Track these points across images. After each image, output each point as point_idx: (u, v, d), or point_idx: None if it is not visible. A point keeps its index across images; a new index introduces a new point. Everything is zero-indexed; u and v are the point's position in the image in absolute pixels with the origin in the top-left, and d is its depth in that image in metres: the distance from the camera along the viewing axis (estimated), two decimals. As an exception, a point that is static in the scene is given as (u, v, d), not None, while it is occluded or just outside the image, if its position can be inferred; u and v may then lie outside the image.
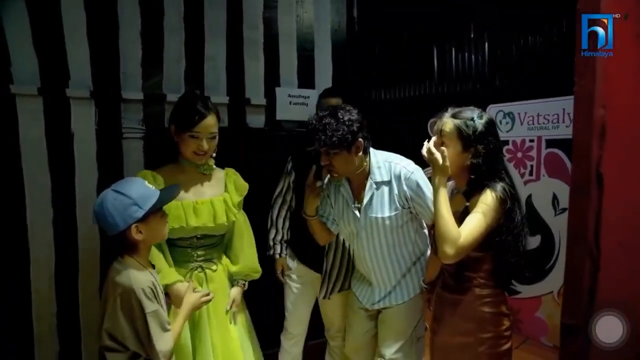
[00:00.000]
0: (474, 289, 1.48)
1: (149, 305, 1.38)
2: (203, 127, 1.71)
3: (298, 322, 2.30)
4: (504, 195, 1.41)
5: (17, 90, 2.12)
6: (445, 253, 1.35)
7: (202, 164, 1.81)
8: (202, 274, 1.79)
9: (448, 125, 1.49)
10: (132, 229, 1.39)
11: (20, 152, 2.15)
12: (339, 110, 1.68)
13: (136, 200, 1.38)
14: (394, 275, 1.85)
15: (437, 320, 1.63)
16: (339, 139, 1.63)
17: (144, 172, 1.75)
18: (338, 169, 1.72)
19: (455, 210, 1.53)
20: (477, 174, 1.44)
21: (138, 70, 2.36)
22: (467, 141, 1.45)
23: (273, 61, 2.71)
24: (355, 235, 1.85)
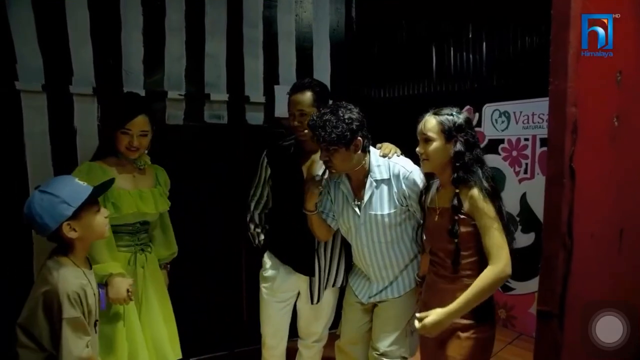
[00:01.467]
0: (462, 279, 1.55)
1: (68, 310, 1.34)
2: (134, 124, 1.80)
3: (276, 333, 2.16)
4: (491, 193, 1.50)
5: (22, 87, 2.18)
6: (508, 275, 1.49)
7: (138, 159, 1.91)
8: (142, 256, 1.90)
9: (430, 122, 1.58)
10: (64, 228, 1.36)
11: (24, 147, 2.22)
12: (340, 108, 1.73)
13: (65, 198, 1.35)
14: (392, 270, 1.89)
15: (425, 307, 1.68)
16: (337, 136, 1.68)
17: (88, 163, 1.83)
18: (336, 165, 1.77)
19: (444, 207, 1.58)
20: (461, 161, 1.53)
21: (140, 68, 2.42)
22: (449, 133, 1.55)
23: (272, 59, 2.76)
24: (354, 231, 1.87)
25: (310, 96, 1.95)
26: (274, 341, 2.17)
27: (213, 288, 2.50)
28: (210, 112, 2.61)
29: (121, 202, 1.79)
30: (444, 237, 1.55)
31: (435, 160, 1.57)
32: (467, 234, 1.52)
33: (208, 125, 2.61)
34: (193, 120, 2.56)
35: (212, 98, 2.59)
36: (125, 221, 1.85)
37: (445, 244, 1.57)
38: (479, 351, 1.55)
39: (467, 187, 1.52)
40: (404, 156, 1.89)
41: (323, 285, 2.09)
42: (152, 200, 1.89)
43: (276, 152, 2.11)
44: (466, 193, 1.52)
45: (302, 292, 2.12)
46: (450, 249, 1.55)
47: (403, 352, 1.92)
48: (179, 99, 2.47)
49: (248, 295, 2.72)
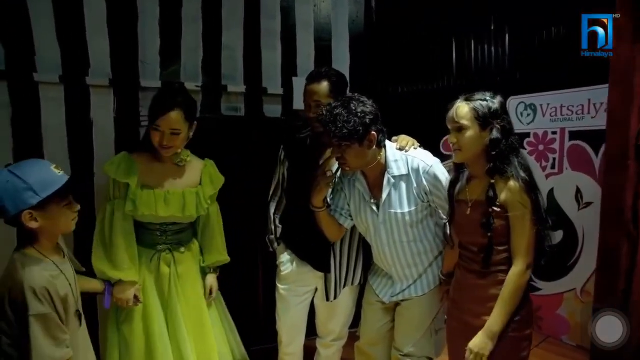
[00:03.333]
0: (497, 274, 1.47)
1: (35, 306, 1.22)
2: (164, 121, 1.69)
3: (293, 330, 2.10)
4: (529, 184, 1.42)
5: (40, 79, 2.16)
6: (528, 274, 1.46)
7: (175, 156, 1.81)
8: (169, 255, 1.82)
9: (463, 108, 1.48)
10: (25, 216, 1.24)
11: (42, 139, 2.20)
12: (352, 101, 1.63)
13: (32, 185, 1.23)
14: (415, 269, 1.80)
15: (456, 305, 1.61)
16: (349, 131, 1.58)
17: (122, 155, 1.78)
18: (350, 162, 1.66)
19: (477, 199, 1.49)
20: (498, 149, 1.44)
21: (156, 59, 2.39)
22: (484, 120, 1.46)
23: (290, 51, 2.71)
24: (373, 231, 1.79)
25: (326, 86, 1.86)
26: (289, 338, 2.11)
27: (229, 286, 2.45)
28: (227, 104, 2.57)
29: (140, 202, 1.72)
30: (477, 230, 1.48)
31: (469, 150, 1.49)
32: (501, 228, 1.45)
33: (225, 118, 2.56)
34: (210, 112, 2.51)
35: (229, 90, 2.55)
36: (148, 220, 1.78)
37: (477, 238, 1.49)
38: (513, 351, 1.46)
39: (503, 178, 1.44)
40: (422, 149, 1.79)
41: (340, 283, 2.02)
42: (181, 202, 1.78)
43: (293, 145, 2.05)
44: (502, 184, 1.44)
45: (319, 289, 2.06)
46: (483, 243, 1.47)
47: (428, 352, 1.83)
48: (195, 91, 2.43)
49: (264, 293, 2.67)
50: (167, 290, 1.80)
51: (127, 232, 1.76)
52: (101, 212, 1.78)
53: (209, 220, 1.93)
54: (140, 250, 1.80)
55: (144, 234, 1.82)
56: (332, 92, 1.85)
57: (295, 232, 2.05)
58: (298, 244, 2.05)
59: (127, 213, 1.73)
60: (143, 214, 1.74)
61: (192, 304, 1.85)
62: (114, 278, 1.71)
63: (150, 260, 1.81)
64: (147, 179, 1.77)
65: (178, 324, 1.79)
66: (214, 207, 1.96)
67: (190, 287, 1.86)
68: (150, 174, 1.78)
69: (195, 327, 1.84)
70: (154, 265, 1.81)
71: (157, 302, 1.79)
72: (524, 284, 1.44)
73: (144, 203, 1.72)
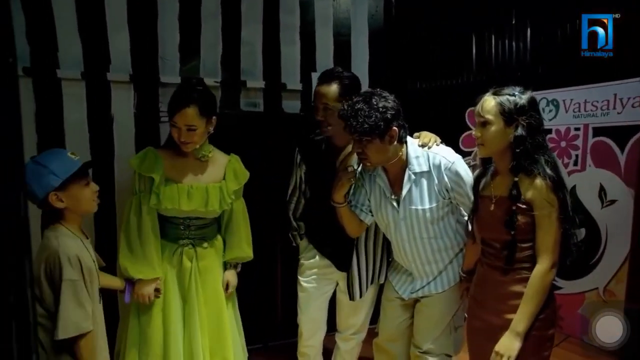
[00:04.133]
0: (521, 271, 1.45)
1: (69, 272, 1.36)
2: (179, 117, 1.69)
3: (313, 324, 2.10)
4: (556, 183, 1.39)
5: (63, 75, 2.19)
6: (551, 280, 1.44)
7: (197, 151, 1.81)
8: (192, 250, 1.83)
9: (489, 103, 1.45)
10: (51, 197, 1.39)
11: (64, 134, 2.22)
12: (374, 96, 1.60)
13: (53, 169, 1.39)
14: (435, 266, 1.78)
15: (477, 303, 1.58)
16: (370, 126, 1.57)
17: (147, 149, 1.80)
18: (371, 157, 1.64)
19: (501, 196, 1.47)
20: (522, 147, 1.41)
21: (176, 55, 2.39)
22: (509, 115, 1.42)
23: (309, 46, 2.69)
24: (394, 227, 1.78)
25: (335, 89, 1.82)
26: (310, 331, 2.11)
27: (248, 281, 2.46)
28: (246, 99, 2.57)
29: (163, 196, 1.73)
30: (500, 227, 1.45)
31: (492, 146, 1.46)
32: (525, 225, 1.42)
33: (244, 114, 2.56)
34: (229, 108, 2.51)
35: (248, 85, 2.54)
36: (171, 214, 1.80)
37: (500, 235, 1.47)
38: (536, 351, 1.44)
39: (528, 175, 1.41)
40: (444, 145, 1.77)
41: (364, 282, 2.01)
42: (204, 197, 1.78)
43: (308, 148, 2.04)
44: (527, 182, 1.41)
45: (341, 284, 2.06)
46: (506, 240, 1.45)
47: (447, 349, 1.82)
48: (214, 87, 2.43)
49: (283, 289, 2.68)
50: (187, 285, 1.82)
51: (153, 225, 1.78)
52: (127, 206, 1.80)
53: (233, 215, 1.93)
54: (163, 244, 1.82)
55: (167, 228, 1.83)
56: (341, 95, 1.81)
57: (317, 231, 2.05)
58: (320, 242, 2.05)
59: (151, 207, 1.75)
60: (166, 207, 1.75)
61: (212, 300, 1.86)
62: (135, 276, 1.73)
63: (172, 254, 1.82)
64: (171, 174, 1.78)
65: (193, 320, 1.80)
66: (239, 202, 1.95)
67: (210, 283, 1.87)
68: (174, 168, 1.79)
69: (212, 324, 1.84)
70: (176, 260, 1.82)
71: (177, 296, 1.81)
72: (549, 282, 1.42)
73: (167, 197, 1.73)
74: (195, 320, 1.80)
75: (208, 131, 1.80)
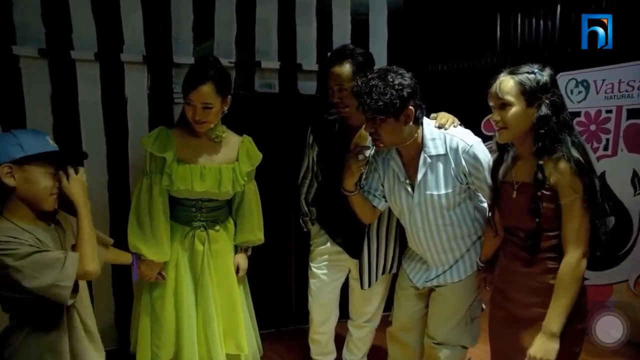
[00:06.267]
0: (546, 261, 1.37)
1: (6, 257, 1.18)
2: (195, 95, 1.65)
3: (324, 310, 2.08)
4: (582, 166, 1.30)
5: (77, 56, 2.17)
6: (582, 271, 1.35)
7: (211, 131, 1.78)
8: (204, 232, 1.81)
9: (507, 83, 1.36)
10: (3, 169, 1.24)
11: (79, 116, 2.21)
12: (390, 73, 1.52)
13: (22, 141, 1.26)
14: (452, 254, 1.70)
15: (501, 293, 1.50)
16: (385, 104, 1.48)
17: (159, 129, 1.77)
18: (384, 138, 1.56)
19: (524, 181, 1.38)
20: (547, 127, 1.32)
21: (189, 35, 2.35)
22: (531, 95, 1.33)
23: (326, 25, 2.61)
24: (408, 213, 1.70)
25: (349, 69, 1.76)
26: (321, 318, 2.08)
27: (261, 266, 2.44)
28: (261, 80, 2.51)
29: (176, 176, 1.71)
30: (524, 215, 1.37)
31: (515, 129, 1.37)
32: (551, 212, 1.33)
33: (258, 95, 2.51)
34: (243, 89, 2.46)
35: (262, 66, 2.48)
36: (183, 195, 1.77)
37: (524, 223, 1.39)
38: (567, 346, 1.34)
39: (552, 158, 1.32)
40: (463, 127, 1.68)
41: (374, 271, 1.96)
42: (217, 178, 1.75)
43: (321, 128, 1.98)
44: (552, 165, 1.32)
45: (353, 271, 2.01)
46: (530, 229, 1.37)
47: (463, 341, 1.75)
48: (229, 67, 2.36)
49: (297, 274, 2.64)
50: (200, 268, 1.80)
51: (164, 207, 1.76)
52: (137, 186, 1.78)
53: (244, 198, 1.90)
54: (175, 227, 1.80)
55: (179, 210, 1.81)
56: (355, 74, 1.74)
57: (328, 216, 2.00)
58: (331, 228, 2.00)
59: (163, 187, 1.73)
60: (179, 188, 1.72)
61: (224, 283, 1.84)
62: (147, 257, 1.72)
63: (184, 237, 1.80)
64: (184, 154, 1.75)
65: (208, 303, 1.78)
66: (251, 185, 1.92)
67: (223, 266, 1.85)
68: (186, 148, 1.76)
69: (225, 307, 1.83)
70: (188, 242, 1.80)
71: (189, 279, 1.79)
72: (581, 275, 1.32)
73: (179, 177, 1.71)
74: (209, 303, 1.79)
75: (223, 111, 1.77)
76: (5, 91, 2.07)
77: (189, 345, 1.74)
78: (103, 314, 2.31)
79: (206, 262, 1.79)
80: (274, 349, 2.44)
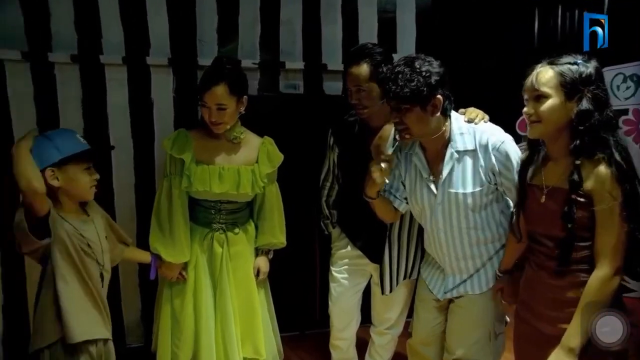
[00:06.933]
0: (578, 273, 1.24)
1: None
2: (209, 96, 1.65)
3: (345, 316, 2.02)
4: (624, 172, 1.18)
5: (106, 61, 2.22)
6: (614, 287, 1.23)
7: (229, 132, 1.76)
8: (222, 235, 1.80)
9: (546, 73, 1.24)
10: (47, 172, 1.36)
11: (107, 119, 2.26)
12: (417, 60, 1.44)
13: (57, 144, 1.38)
14: (472, 262, 1.59)
15: (526, 306, 1.39)
16: (411, 91, 1.40)
17: (179, 131, 1.80)
18: (411, 128, 1.47)
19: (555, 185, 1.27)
20: (588, 123, 1.20)
21: (214, 37, 2.36)
22: (572, 87, 1.21)
23: (352, 24, 2.56)
24: (429, 213, 1.60)
25: (366, 69, 1.69)
26: (341, 323, 2.02)
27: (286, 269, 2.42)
28: (285, 81, 2.50)
29: (195, 178, 1.71)
30: (553, 221, 1.26)
31: (550, 123, 1.24)
32: (585, 219, 1.21)
33: (283, 96, 2.49)
34: (267, 90, 2.45)
35: (287, 66, 2.47)
36: (203, 197, 1.77)
37: (554, 231, 1.27)
38: None
39: (591, 160, 1.20)
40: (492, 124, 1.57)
41: (395, 276, 1.88)
42: (235, 179, 1.74)
43: (341, 130, 1.93)
44: (589, 168, 1.20)
45: (374, 276, 1.94)
46: (561, 237, 1.25)
47: (484, 357, 1.60)
48: (253, 68, 2.38)
49: (322, 277, 2.59)
50: (218, 271, 1.79)
51: (184, 209, 1.77)
52: (159, 188, 1.80)
53: (265, 200, 1.87)
54: (194, 229, 1.80)
55: (198, 212, 1.81)
56: (373, 74, 1.67)
57: (349, 219, 1.95)
58: (351, 231, 1.95)
59: (182, 189, 1.73)
60: (197, 189, 1.72)
61: (243, 286, 1.82)
62: (165, 258, 1.73)
63: (203, 239, 1.80)
64: (202, 155, 1.75)
65: (226, 306, 1.77)
66: (273, 187, 1.89)
67: (241, 269, 1.83)
68: (205, 150, 1.76)
69: (243, 309, 1.81)
70: (207, 245, 1.80)
71: (207, 281, 1.79)
72: (610, 291, 1.20)
73: (198, 179, 1.71)
74: (227, 306, 1.77)
75: (239, 111, 1.75)
76: (42, 96, 2.16)
77: (206, 347, 1.73)
78: (130, 312, 2.36)
79: (225, 265, 1.78)
80: (296, 353, 2.41)
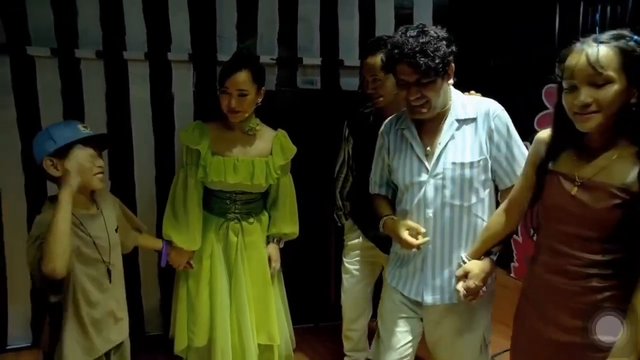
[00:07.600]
0: (593, 279, 1.12)
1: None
2: (231, 82, 1.70)
3: (356, 307, 2.05)
4: None
5: (129, 56, 2.29)
6: None
7: (244, 123, 1.79)
8: (237, 224, 1.84)
9: (606, 53, 1.03)
10: (46, 162, 1.36)
11: (130, 113, 2.33)
12: (425, 27, 1.34)
13: (53, 135, 1.38)
14: (457, 256, 1.43)
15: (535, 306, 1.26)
16: (442, 61, 1.30)
17: (195, 123, 1.84)
18: (433, 101, 1.35)
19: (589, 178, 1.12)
20: None
21: (233, 33, 2.41)
22: (637, 70, 1.03)
23: (368, 20, 2.58)
24: (417, 189, 1.43)
25: (382, 59, 1.67)
26: (353, 314, 2.06)
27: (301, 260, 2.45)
28: (303, 77, 2.53)
29: (210, 168, 1.76)
30: (582, 220, 1.12)
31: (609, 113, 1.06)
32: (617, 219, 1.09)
33: (300, 91, 2.52)
34: (285, 85, 2.49)
35: (304, 62, 2.50)
36: (218, 187, 1.82)
37: (582, 230, 1.13)
38: None
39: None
40: None
41: None
42: (249, 170, 1.79)
43: (357, 121, 1.97)
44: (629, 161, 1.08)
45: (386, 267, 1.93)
46: (586, 238, 1.12)
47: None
48: (270, 64, 2.41)
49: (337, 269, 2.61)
50: (234, 260, 1.83)
51: (198, 199, 1.82)
52: (175, 178, 1.85)
53: (279, 191, 1.92)
54: (209, 218, 1.85)
55: (214, 202, 1.86)
56: None
57: (361, 210, 1.97)
58: (363, 222, 1.97)
59: (198, 179, 1.78)
60: (212, 180, 1.77)
61: (257, 275, 1.86)
62: (177, 244, 1.78)
63: (218, 228, 1.84)
64: (218, 147, 1.80)
65: (240, 293, 1.81)
66: (286, 178, 1.94)
67: (255, 258, 1.87)
68: (220, 141, 1.81)
69: (257, 299, 1.85)
70: (222, 234, 1.84)
71: (223, 270, 1.83)
72: None
73: (213, 169, 1.76)
74: (242, 293, 1.82)
75: (256, 102, 1.80)
76: (68, 90, 2.24)
77: (222, 333, 1.78)
78: (149, 301, 2.43)
79: (239, 254, 1.82)
80: (309, 343, 2.45)
